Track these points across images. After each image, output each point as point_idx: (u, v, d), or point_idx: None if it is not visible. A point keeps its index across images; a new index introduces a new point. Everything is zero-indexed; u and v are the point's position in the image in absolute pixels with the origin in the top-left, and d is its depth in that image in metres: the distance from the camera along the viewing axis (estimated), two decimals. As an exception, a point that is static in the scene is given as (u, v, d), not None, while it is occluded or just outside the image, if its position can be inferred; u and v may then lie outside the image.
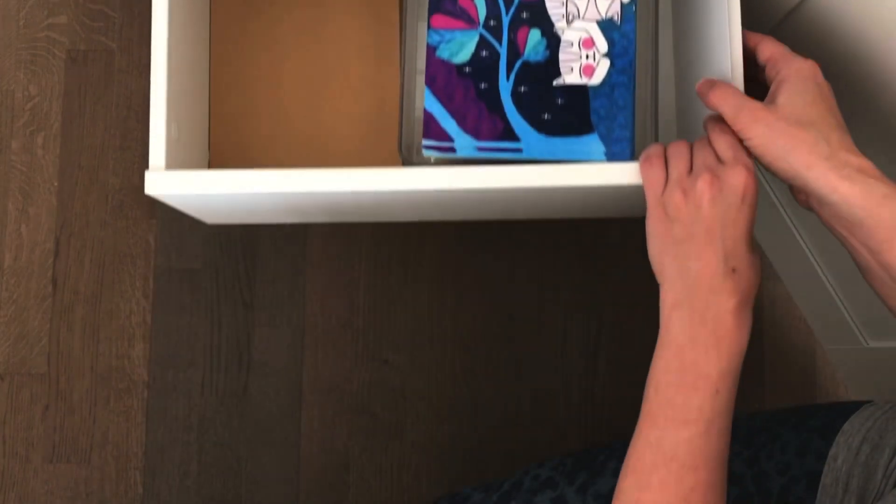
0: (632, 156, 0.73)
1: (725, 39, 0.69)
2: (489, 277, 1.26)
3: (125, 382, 1.26)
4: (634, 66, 0.73)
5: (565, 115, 0.73)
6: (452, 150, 0.74)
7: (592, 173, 0.68)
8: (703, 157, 0.64)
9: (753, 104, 0.64)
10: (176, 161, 0.72)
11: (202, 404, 1.26)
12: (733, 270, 0.62)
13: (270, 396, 1.25)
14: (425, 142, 0.74)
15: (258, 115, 0.83)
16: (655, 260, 0.65)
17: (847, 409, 0.74)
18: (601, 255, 1.26)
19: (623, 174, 0.68)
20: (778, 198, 1.12)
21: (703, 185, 0.62)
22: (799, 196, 0.66)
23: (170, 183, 0.69)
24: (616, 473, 0.77)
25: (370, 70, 0.82)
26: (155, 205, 1.28)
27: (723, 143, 0.65)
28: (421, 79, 0.75)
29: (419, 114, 0.76)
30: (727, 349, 0.61)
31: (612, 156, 0.72)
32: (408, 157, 0.76)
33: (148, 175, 0.69)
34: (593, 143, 0.73)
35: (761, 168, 1.10)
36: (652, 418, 0.63)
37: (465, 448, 1.24)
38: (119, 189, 1.28)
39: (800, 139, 0.62)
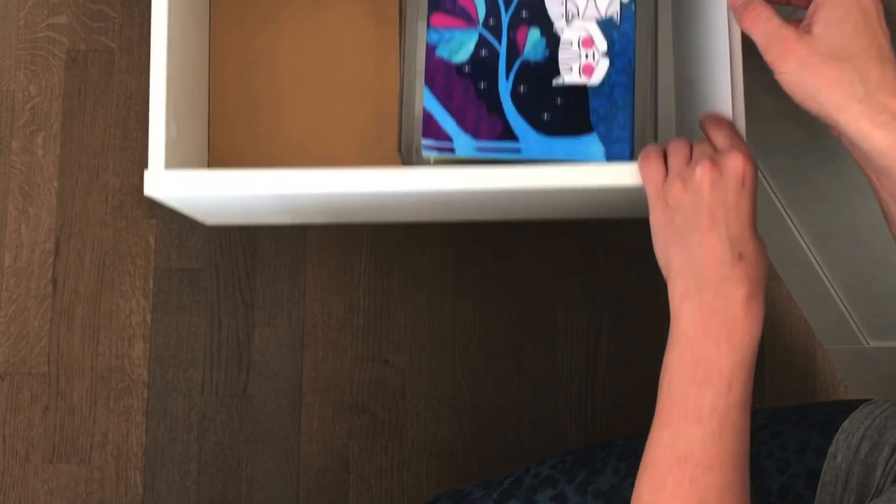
0: (631, 156, 0.73)
1: (724, 40, 0.68)
2: (489, 277, 1.26)
3: (125, 382, 1.26)
4: (634, 66, 0.73)
5: (565, 114, 0.73)
6: (452, 150, 0.74)
7: (592, 174, 0.68)
8: (701, 148, 0.63)
9: (787, 33, 0.60)
10: (175, 161, 0.72)
11: (202, 404, 1.25)
12: (740, 256, 0.60)
13: (270, 396, 1.25)
14: (425, 142, 0.73)
15: (257, 115, 0.83)
16: (661, 253, 0.64)
17: (847, 407, 0.74)
18: (601, 255, 1.26)
19: (622, 175, 0.67)
20: (778, 198, 1.12)
21: (702, 171, 0.61)
22: (833, 131, 0.63)
23: (169, 183, 0.68)
24: (616, 471, 0.77)
25: (370, 69, 0.82)
26: (155, 205, 1.28)
27: (719, 134, 0.64)
28: (420, 78, 0.75)
29: (418, 113, 0.75)
30: (739, 341, 0.60)
31: (611, 156, 0.72)
32: (407, 157, 0.76)
33: (147, 175, 0.68)
34: (593, 143, 0.73)
35: (759, 167, 1.10)
36: (666, 417, 0.61)
37: (465, 448, 1.24)
38: (119, 189, 1.28)
39: (833, 78, 0.58)
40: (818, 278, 1.12)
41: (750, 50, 0.71)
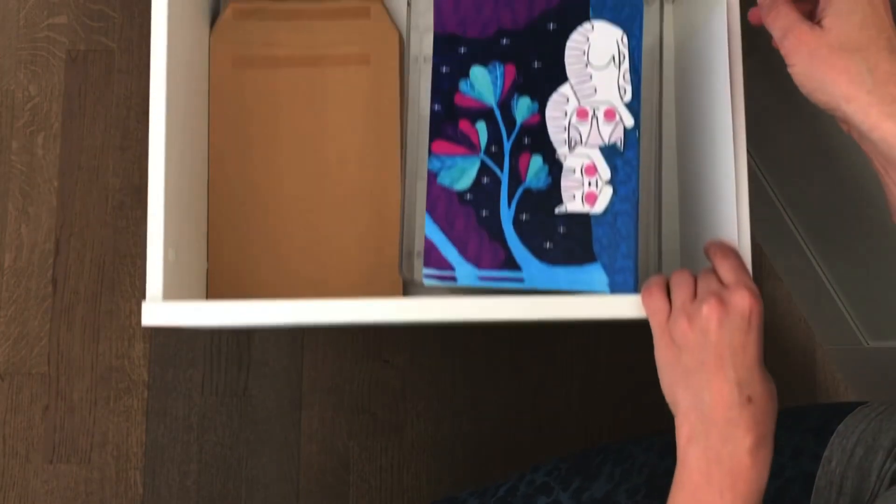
0: (635, 286, 0.71)
1: (730, 167, 0.67)
2: (489, 277, 1.26)
3: (125, 382, 1.26)
4: (637, 194, 0.72)
5: (567, 243, 0.71)
6: (453, 279, 0.72)
7: (595, 305, 0.67)
8: (706, 283, 0.62)
9: (801, 27, 0.60)
10: (173, 284, 0.70)
11: (202, 404, 1.25)
12: (749, 399, 0.59)
13: (270, 396, 1.25)
14: (426, 270, 0.72)
15: (256, 227, 0.80)
16: (668, 391, 0.63)
17: (841, 411, 0.73)
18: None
19: (626, 307, 0.66)
20: (778, 197, 1.12)
21: (708, 309, 0.60)
22: (842, 125, 0.62)
23: (167, 315, 0.67)
24: (610, 478, 0.77)
25: (371, 188, 0.81)
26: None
27: (725, 268, 0.63)
28: (421, 205, 0.74)
29: (420, 239, 0.74)
30: (743, 490, 0.59)
31: (614, 286, 0.70)
32: (408, 277, 0.76)
33: (145, 306, 0.67)
34: (596, 272, 0.71)
35: (757, 162, 1.10)
36: None
37: (465, 448, 1.24)
38: (119, 189, 1.28)
39: (840, 69, 0.57)
40: (818, 278, 1.12)
41: (750, 51, 0.71)
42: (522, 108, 0.73)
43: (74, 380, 1.26)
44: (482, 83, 0.74)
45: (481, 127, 0.73)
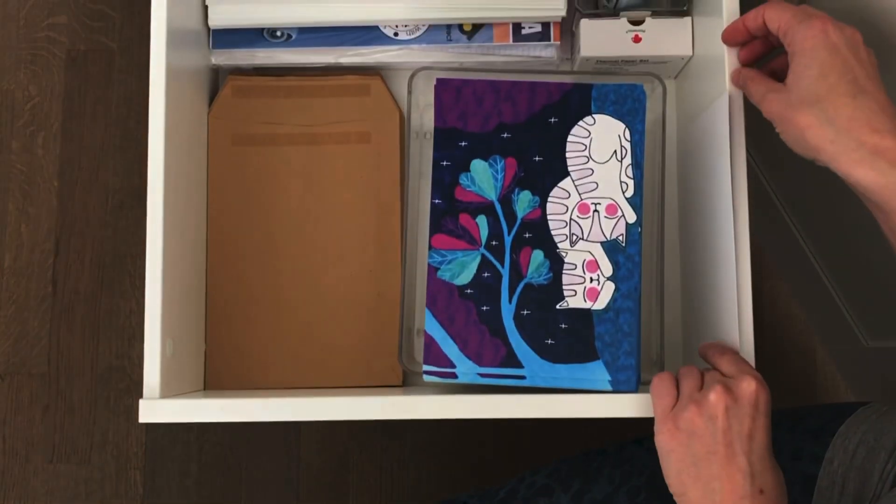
0: (637, 385, 0.71)
1: (731, 266, 0.67)
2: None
3: (125, 382, 1.26)
4: (640, 291, 0.71)
5: (569, 340, 0.71)
6: (454, 375, 0.72)
7: (597, 405, 0.67)
8: (712, 375, 0.63)
9: (771, 95, 0.62)
10: (171, 377, 0.70)
11: (202, 404, 1.26)
12: (761, 491, 0.59)
13: (270, 396, 1.26)
14: (426, 367, 0.71)
15: (255, 309, 0.80)
16: (674, 480, 0.62)
17: (842, 412, 0.73)
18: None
19: (628, 406, 0.67)
20: (778, 198, 1.12)
21: (716, 396, 0.60)
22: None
23: (165, 412, 0.67)
24: (610, 480, 0.77)
25: (371, 264, 0.81)
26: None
27: (725, 362, 0.64)
28: (422, 288, 0.74)
29: (420, 315, 0.74)
30: None
31: (617, 384, 0.70)
32: (408, 367, 0.76)
33: (143, 403, 0.67)
34: (598, 370, 0.71)
35: (756, 162, 1.10)
36: None
37: (465, 448, 1.24)
38: (119, 189, 1.28)
39: (804, 124, 0.59)
40: (818, 278, 1.12)
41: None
42: (523, 202, 0.73)
43: (74, 380, 1.26)
44: (483, 177, 0.73)
45: (482, 221, 0.73)
